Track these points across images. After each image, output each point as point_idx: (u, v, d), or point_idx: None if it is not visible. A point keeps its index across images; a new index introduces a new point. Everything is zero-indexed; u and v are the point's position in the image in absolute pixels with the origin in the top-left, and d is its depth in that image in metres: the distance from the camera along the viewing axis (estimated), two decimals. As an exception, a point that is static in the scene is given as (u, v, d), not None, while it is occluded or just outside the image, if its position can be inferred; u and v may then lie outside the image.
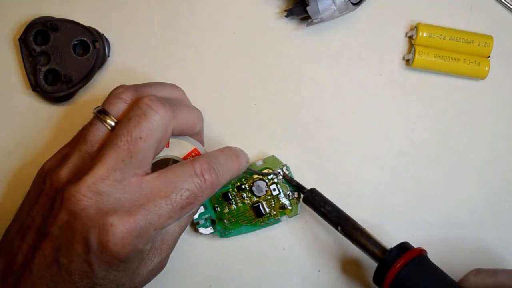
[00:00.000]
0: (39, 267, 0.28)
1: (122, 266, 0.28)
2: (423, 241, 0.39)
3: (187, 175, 0.29)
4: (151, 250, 0.31)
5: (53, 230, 0.28)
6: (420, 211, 0.39)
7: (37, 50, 0.37)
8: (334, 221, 0.34)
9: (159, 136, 0.29)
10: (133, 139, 0.28)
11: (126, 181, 0.28)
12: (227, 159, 0.32)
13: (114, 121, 0.29)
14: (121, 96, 0.30)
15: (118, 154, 0.28)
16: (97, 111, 0.30)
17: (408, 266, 0.31)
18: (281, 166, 0.37)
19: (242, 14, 0.39)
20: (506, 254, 0.39)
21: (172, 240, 0.32)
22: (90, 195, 0.27)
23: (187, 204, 0.29)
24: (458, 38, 0.38)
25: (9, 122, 0.39)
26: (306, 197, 0.35)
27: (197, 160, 0.30)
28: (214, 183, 0.30)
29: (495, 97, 0.40)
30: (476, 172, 0.39)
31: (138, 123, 0.28)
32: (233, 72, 0.39)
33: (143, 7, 0.39)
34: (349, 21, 0.39)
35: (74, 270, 0.28)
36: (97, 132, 0.29)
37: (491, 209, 0.39)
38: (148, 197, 0.28)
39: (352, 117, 0.39)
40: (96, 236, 0.27)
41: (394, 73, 0.39)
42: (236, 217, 0.37)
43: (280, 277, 0.39)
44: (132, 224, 0.27)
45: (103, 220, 0.27)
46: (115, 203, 0.27)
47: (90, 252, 0.27)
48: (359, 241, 0.34)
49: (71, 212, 0.27)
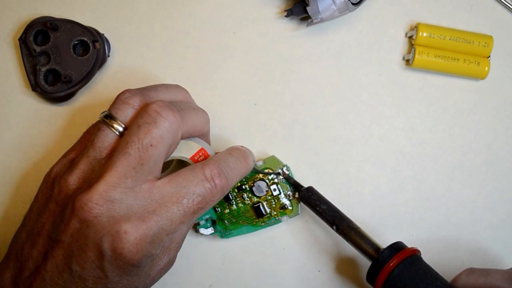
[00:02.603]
0: (52, 274, 0.28)
1: (135, 271, 0.29)
2: (423, 241, 0.39)
3: (198, 180, 0.29)
4: (161, 251, 0.31)
5: (65, 237, 0.28)
6: (420, 211, 0.39)
7: (37, 50, 0.36)
8: (329, 220, 0.35)
9: (169, 142, 0.29)
10: (144, 147, 0.28)
11: (137, 187, 0.28)
12: (236, 161, 0.32)
13: (122, 126, 0.29)
14: (129, 102, 0.30)
15: (129, 162, 0.28)
16: (104, 116, 0.30)
17: (400, 266, 0.31)
18: (281, 166, 0.37)
19: (242, 14, 0.39)
20: (505, 254, 0.39)
21: (180, 238, 0.32)
22: (102, 203, 0.27)
23: (198, 208, 0.29)
24: (458, 38, 0.38)
25: (9, 122, 0.39)
26: (302, 195, 0.36)
27: (207, 164, 0.30)
28: (225, 187, 0.30)
29: (495, 97, 0.40)
30: (476, 172, 0.39)
31: (149, 131, 0.28)
32: (233, 72, 0.39)
33: (143, 7, 0.39)
34: (349, 21, 0.39)
35: (88, 277, 0.28)
36: (106, 138, 0.29)
37: (491, 209, 0.39)
38: (160, 203, 0.28)
39: (352, 117, 0.39)
40: (110, 243, 0.27)
41: (394, 73, 0.39)
42: (237, 217, 0.37)
43: (280, 277, 0.39)
44: (146, 230, 0.27)
45: (116, 227, 0.27)
46: (127, 210, 0.28)
47: (104, 259, 0.27)
48: (353, 240, 0.34)
49: (83, 220, 0.27)
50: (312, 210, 0.35)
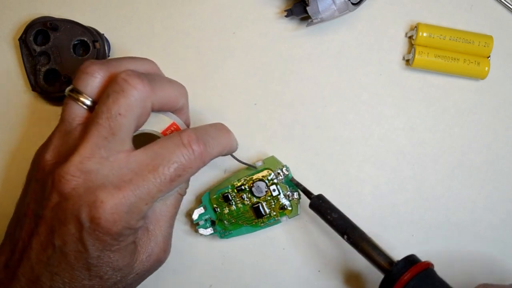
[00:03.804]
0: (36, 252, 0.28)
1: (115, 245, 0.28)
2: (423, 241, 0.39)
3: (174, 147, 0.29)
4: (144, 234, 0.31)
5: (46, 213, 0.28)
6: (420, 211, 0.39)
7: (37, 50, 0.37)
8: (340, 229, 0.34)
9: (138, 111, 0.28)
10: (112, 116, 0.28)
11: (112, 157, 0.28)
12: (216, 131, 0.31)
13: (87, 98, 0.29)
14: (88, 71, 0.29)
15: (99, 132, 0.28)
16: (69, 90, 0.30)
17: (415, 279, 0.30)
18: (281, 167, 0.37)
19: (242, 14, 0.39)
20: (505, 254, 0.39)
21: (164, 221, 0.32)
22: (78, 175, 0.27)
23: (176, 176, 0.29)
24: (458, 38, 0.38)
25: (9, 122, 0.39)
26: (313, 203, 0.35)
27: (185, 131, 0.29)
28: (203, 153, 0.29)
29: (495, 97, 0.40)
30: (476, 172, 0.39)
31: (117, 99, 0.28)
32: (233, 72, 0.39)
33: (143, 7, 0.39)
34: (349, 21, 0.39)
35: (69, 251, 0.28)
36: (72, 110, 0.29)
37: (491, 209, 0.39)
38: (136, 172, 0.28)
39: (352, 117, 0.39)
40: (87, 213, 0.27)
41: (394, 73, 0.39)
42: (236, 218, 0.37)
43: (280, 277, 0.39)
44: (122, 199, 0.27)
45: (92, 197, 0.27)
46: (103, 180, 0.27)
47: (83, 231, 0.27)
48: (365, 251, 0.33)
49: (62, 193, 0.27)
50: (322, 219, 0.34)
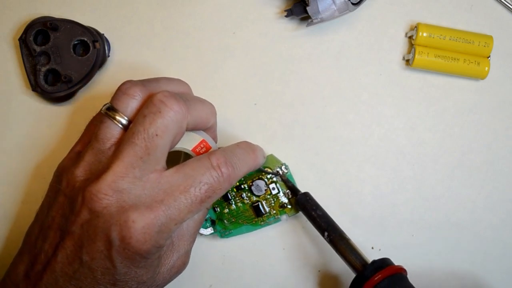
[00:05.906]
0: (62, 265, 0.29)
1: (143, 262, 0.29)
2: (423, 241, 0.39)
3: (204, 169, 0.29)
4: (169, 247, 0.31)
5: (75, 228, 0.28)
6: (420, 211, 0.39)
7: (37, 50, 0.37)
8: (322, 227, 0.34)
9: (174, 132, 0.29)
10: (149, 136, 0.28)
11: (145, 177, 0.28)
12: (243, 152, 0.32)
13: (124, 118, 0.29)
14: (129, 92, 0.30)
15: (136, 152, 0.28)
16: (106, 108, 0.30)
17: (384, 282, 0.31)
18: (279, 165, 0.37)
19: (242, 14, 0.39)
20: (506, 254, 0.39)
21: (188, 235, 0.32)
22: (111, 193, 0.27)
23: (206, 197, 0.29)
24: (458, 38, 0.38)
25: (9, 122, 0.39)
26: (299, 199, 0.36)
27: (213, 153, 0.30)
28: (231, 175, 0.30)
29: (495, 97, 0.40)
30: (476, 172, 0.39)
31: (154, 120, 0.28)
32: (233, 72, 0.39)
33: (143, 7, 0.39)
34: (349, 21, 0.39)
35: (97, 267, 0.28)
36: (108, 130, 0.29)
37: (491, 209, 0.39)
38: (168, 192, 0.28)
39: (352, 117, 0.39)
40: (118, 232, 0.27)
41: (394, 73, 0.39)
42: (236, 217, 0.37)
43: (280, 277, 0.39)
44: (154, 219, 0.28)
45: (124, 217, 0.27)
46: (135, 200, 0.28)
47: (112, 249, 0.28)
48: (341, 250, 0.34)
49: (93, 210, 0.28)
50: (306, 215, 0.35)
